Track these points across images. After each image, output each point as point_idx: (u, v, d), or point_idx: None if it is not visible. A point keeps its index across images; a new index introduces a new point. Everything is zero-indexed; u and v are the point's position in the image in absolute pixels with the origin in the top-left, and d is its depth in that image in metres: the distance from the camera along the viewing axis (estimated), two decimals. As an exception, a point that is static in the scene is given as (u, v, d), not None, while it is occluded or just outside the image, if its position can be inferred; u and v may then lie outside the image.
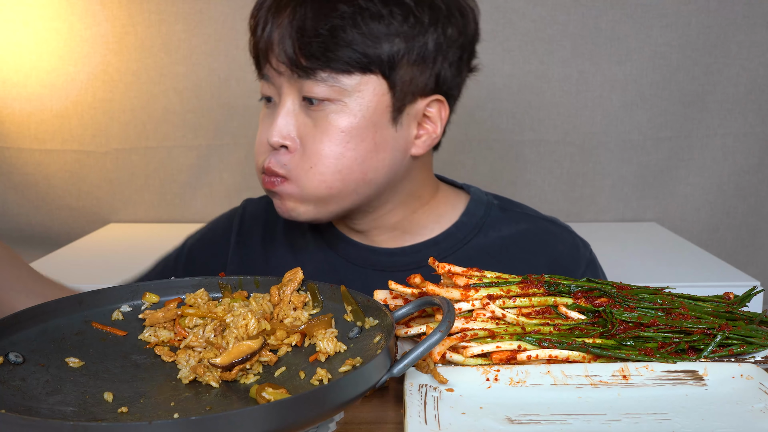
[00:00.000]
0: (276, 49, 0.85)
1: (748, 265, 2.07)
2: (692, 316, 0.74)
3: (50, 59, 2.01)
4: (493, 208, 1.01)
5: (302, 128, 0.87)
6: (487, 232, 0.98)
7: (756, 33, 1.96)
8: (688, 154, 2.05)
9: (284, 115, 0.87)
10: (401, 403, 0.62)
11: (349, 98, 0.85)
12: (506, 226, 0.99)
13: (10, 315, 0.65)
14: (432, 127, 0.91)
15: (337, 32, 0.82)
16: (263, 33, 0.86)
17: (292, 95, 0.86)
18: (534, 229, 1.00)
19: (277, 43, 0.84)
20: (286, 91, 0.87)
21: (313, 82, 0.84)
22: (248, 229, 1.07)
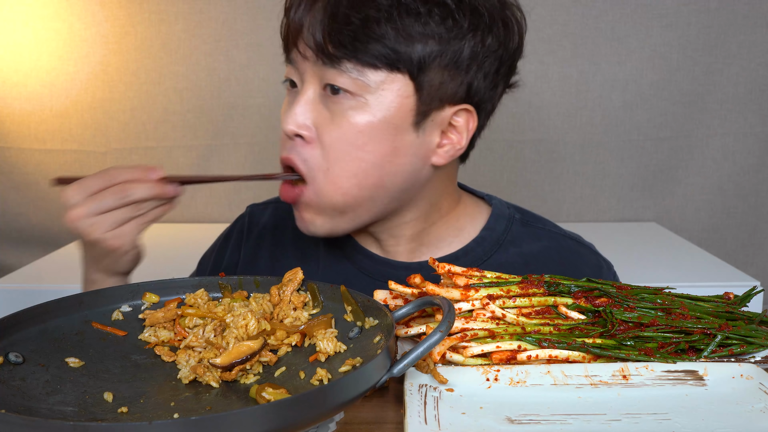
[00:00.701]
0: (305, 33, 0.81)
1: (748, 265, 2.07)
2: (692, 316, 0.74)
3: (50, 59, 2.01)
4: (515, 222, 0.97)
5: (319, 119, 0.83)
6: (508, 248, 0.94)
7: (756, 33, 1.96)
8: (688, 154, 2.05)
9: (303, 102, 0.83)
10: (401, 403, 0.62)
11: (371, 95, 0.81)
12: (527, 242, 0.96)
13: (10, 315, 0.65)
14: (457, 137, 0.86)
15: (370, 23, 0.78)
16: (295, 14, 0.83)
17: (314, 83, 0.83)
18: (556, 248, 0.97)
19: (307, 27, 0.81)
20: (309, 78, 0.83)
21: (337, 71, 0.80)
22: (255, 238, 1.04)
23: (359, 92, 0.80)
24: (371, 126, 0.81)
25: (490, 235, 0.95)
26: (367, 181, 0.83)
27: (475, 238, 0.95)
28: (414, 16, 0.79)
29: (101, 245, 0.81)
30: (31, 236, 2.11)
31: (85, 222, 0.79)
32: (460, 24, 0.81)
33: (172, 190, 0.80)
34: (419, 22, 0.79)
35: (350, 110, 0.81)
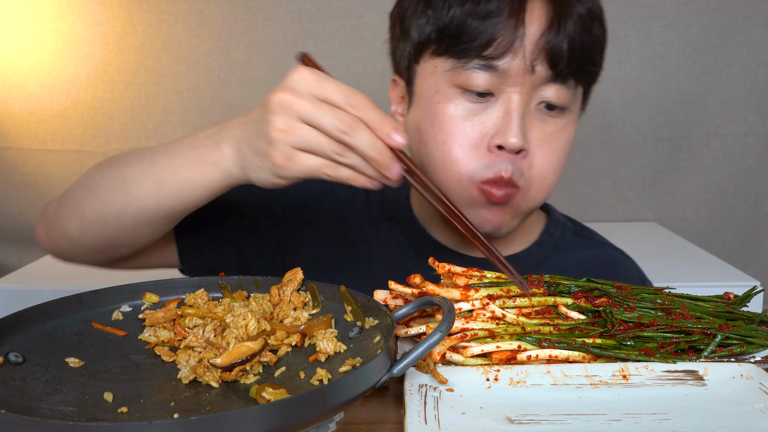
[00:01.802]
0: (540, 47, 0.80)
1: (748, 265, 2.07)
2: (692, 316, 0.74)
3: (50, 59, 2.01)
4: (569, 230, 1.01)
5: (538, 133, 0.84)
6: (564, 254, 0.98)
7: (756, 33, 1.96)
8: (688, 154, 2.05)
9: (522, 117, 0.82)
10: (401, 403, 0.62)
11: (574, 107, 0.87)
12: (580, 250, 1.00)
13: (10, 315, 0.65)
14: None
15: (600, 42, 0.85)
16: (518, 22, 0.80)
17: (527, 95, 0.82)
18: (606, 257, 1.01)
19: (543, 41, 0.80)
20: (523, 90, 0.82)
21: (561, 87, 0.83)
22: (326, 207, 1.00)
23: (569, 106, 0.86)
24: (574, 134, 0.88)
25: (549, 240, 0.99)
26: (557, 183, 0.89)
27: (536, 241, 0.99)
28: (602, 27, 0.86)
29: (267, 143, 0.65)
30: (31, 236, 2.10)
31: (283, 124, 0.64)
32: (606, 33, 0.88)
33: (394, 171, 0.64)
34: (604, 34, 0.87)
35: (564, 123, 0.86)
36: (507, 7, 0.80)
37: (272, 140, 0.64)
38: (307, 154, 0.64)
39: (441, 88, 0.85)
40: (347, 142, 0.63)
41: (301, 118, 0.63)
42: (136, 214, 0.76)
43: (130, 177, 0.76)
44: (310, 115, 0.63)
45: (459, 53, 0.82)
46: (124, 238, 0.80)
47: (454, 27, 0.81)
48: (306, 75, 0.65)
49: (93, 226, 0.79)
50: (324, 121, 0.63)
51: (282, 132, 0.64)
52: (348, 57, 2.00)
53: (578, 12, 0.82)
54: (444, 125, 0.84)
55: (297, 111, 0.64)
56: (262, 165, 0.67)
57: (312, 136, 0.63)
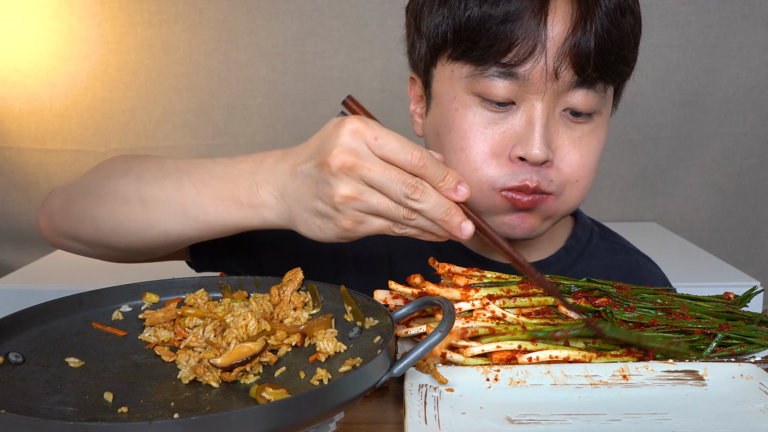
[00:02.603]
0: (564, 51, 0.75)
1: (748, 265, 2.07)
2: (692, 316, 0.74)
3: (50, 59, 2.01)
4: (595, 234, 0.99)
5: (564, 142, 0.80)
6: (590, 260, 0.96)
7: (756, 33, 1.96)
8: (688, 154, 2.05)
9: (543, 124, 0.77)
10: (401, 403, 0.62)
11: (604, 109, 0.82)
12: (606, 255, 0.97)
13: (10, 315, 0.65)
14: None
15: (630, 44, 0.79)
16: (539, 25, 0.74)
17: (550, 102, 0.78)
18: (631, 262, 0.99)
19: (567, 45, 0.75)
20: (546, 98, 0.77)
21: (588, 92, 0.78)
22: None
23: (598, 109, 0.81)
24: (605, 137, 0.84)
25: (576, 245, 0.96)
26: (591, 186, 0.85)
27: (564, 246, 0.96)
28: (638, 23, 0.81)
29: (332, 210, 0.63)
30: (31, 236, 2.11)
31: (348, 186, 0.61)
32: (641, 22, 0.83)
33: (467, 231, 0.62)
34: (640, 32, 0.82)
35: (593, 128, 0.82)
36: (528, 8, 0.74)
37: (338, 207, 0.62)
38: (374, 216, 0.63)
39: (459, 95, 0.80)
40: (415, 208, 0.61)
41: (366, 182, 0.61)
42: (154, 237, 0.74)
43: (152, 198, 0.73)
44: (376, 181, 0.61)
45: (477, 59, 0.77)
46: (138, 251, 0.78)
47: (471, 29, 0.76)
48: (360, 130, 0.61)
49: (106, 237, 0.77)
50: (391, 187, 0.61)
51: (350, 199, 0.62)
52: (348, 57, 2.01)
53: (606, 6, 0.75)
54: (462, 133, 0.80)
55: (362, 176, 0.61)
56: (324, 227, 0.64)
57: (379, 201, 0.61)
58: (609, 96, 0.83)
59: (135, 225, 0.74)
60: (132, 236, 0.75)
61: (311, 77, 2.03)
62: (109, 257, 0.83)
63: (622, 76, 0.82)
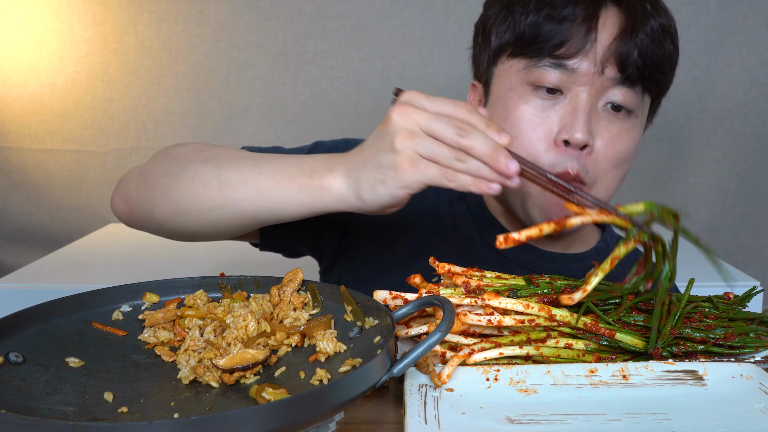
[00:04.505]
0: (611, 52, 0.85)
1: (748, 265, 2.07)
2: (694, 318, 0.74)
3: (50, 59, 2.01)
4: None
5: (604, 132, 0.89)
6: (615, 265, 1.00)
7: (756, 33, 1.96)
8: (688, 154, 2.05)
9: (588, 115, 0.87)
10: (401, 403, 0.62)
11: (641, 113, 0.92)
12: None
13: (10, 315, 0.65)
14: None
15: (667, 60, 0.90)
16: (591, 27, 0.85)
17: (595, 95, 0.87)
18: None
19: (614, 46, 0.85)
20: (592, 90, 0.87)
21: (629, 91, 0.88)
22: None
23: (636, 110, 0.90)
24: (639, 139, 0.93)
25: (605, 248, 1.04)
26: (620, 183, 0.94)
27: (595, 246, 1.04)
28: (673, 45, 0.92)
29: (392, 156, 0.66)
30: (31, 236, 2.11)
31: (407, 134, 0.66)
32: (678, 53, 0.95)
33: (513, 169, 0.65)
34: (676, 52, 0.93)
35: (630, 126, 0.90)
36: (582, 13, 0.85)
37: (397, 148, 0.66)
38: (428, 162, 0.66)
39: (514, 86, 0.90)
40: (464, 146, 0.65)
41: (421, 127, 0.66)
42: (229, 216, 0.79)
43: (231, 181, 0.77)
44: (429, 123, 0.66)
45: (533, 53, 0.88)
46: (211, 231, 0.83)
47: (531, 30, 0.87)
48: (416, 93, 0.68)
49: (184, 217, 0.81)
50: (441, 127, 0.65)
51: (407, 138, 0.66)
52: (348, 57, 2.00)
53: (651, 25, 0.87)
54: (515, 120, 0.89)
55: (417, 121, 0.66)
56: (384, 178, 0.67)
57: (433, 142, 0.66)
58: (646, 103, 0.92)
59: (212, 206, 0.78)
60: (207, 216, 0.79)
61: (311, 77, 2.03)
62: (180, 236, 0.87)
63: (659, 87, 0.93)
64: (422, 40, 1.99)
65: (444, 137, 0.65)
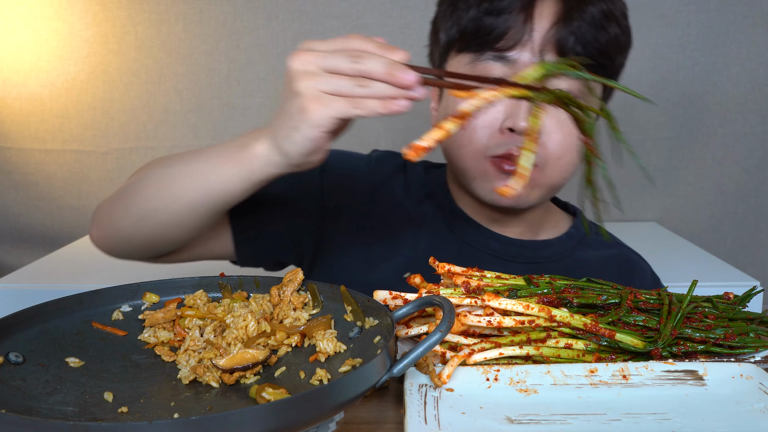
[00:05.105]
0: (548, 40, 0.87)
1: (748, 265, 2.07)
2: (694, 318, 0.74)
3: (50, 59, 2.01)
4: (592, 229, 1.08)
5: (547, 118, 0.89)
6: (587, 250, 1.05)
7: (756, 33, 1.96)
8: (688, 154, 2.05)
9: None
10: (401, 403, 0.62)
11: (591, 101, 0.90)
12: (602, 248, 1.07)
13: (10, 315, 0.65)
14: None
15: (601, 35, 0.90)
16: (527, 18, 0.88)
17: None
18: (625, 256, 1.09)
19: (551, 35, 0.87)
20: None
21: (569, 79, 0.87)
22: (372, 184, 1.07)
23: (581, 96, 0.89)
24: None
25: (576, 234, 1.06)
26: (574, 170, 0.95)
27: (566, 232, 1.06)
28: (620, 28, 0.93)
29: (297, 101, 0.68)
30: (31, 236, 2.11)
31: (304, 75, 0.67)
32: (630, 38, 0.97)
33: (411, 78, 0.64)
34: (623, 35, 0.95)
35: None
36: (519, 3, 0.88)
37: (300, 92, 0.67)
38: (335, 97, 0.66)
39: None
40: (362, 71, 0.65)
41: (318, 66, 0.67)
42: (182, 210, 0.80)
43: (175, 175, 0.81)
44: (324, 60, 0.66)
45: (476, 47, 0.91)
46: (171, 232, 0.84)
47: (473, 25, 0.91)
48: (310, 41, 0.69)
49: (144, 222, 0.83)
50: (336, 61, 0.66)
51: (306, 80, 0.66)
52: (348, 57, 2.00)
53: (591, 12, 0.89)
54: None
55: (312, 61, 0.67)
56: (296, 124, 0.68)
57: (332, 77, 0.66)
58: (593, 88, 0.92)
59: (166, 203, 0.81)
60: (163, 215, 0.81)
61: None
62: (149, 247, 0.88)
63: (605, 71, 0.92)
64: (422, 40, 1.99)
65: (341, 69, 0.66)
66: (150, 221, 0.82)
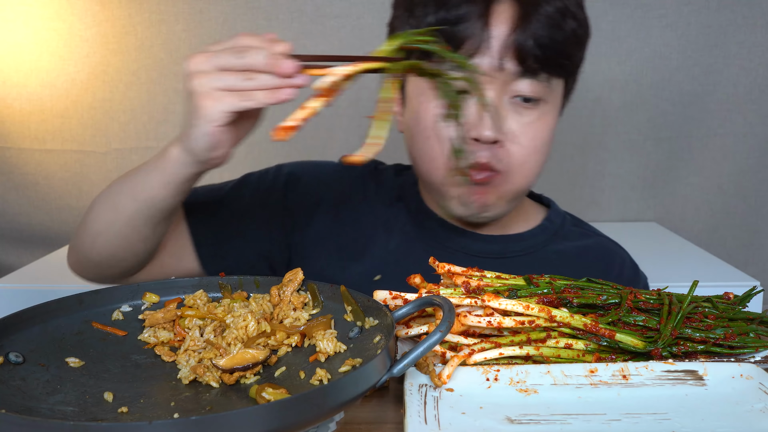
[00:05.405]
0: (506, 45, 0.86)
1: (748, 265, 2.07)
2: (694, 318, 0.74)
3: (50, 59, 2.01)
4: (568, 221, 1.08)
5: (512, 124, 0.90)
6: (563, 241, 1.05)
7: (756, 33, 1.96)
8: (688, 154, 2.05)
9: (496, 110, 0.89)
10: (401, 403, 0.62)
11: (552, 99, 0.92)
12: (578, 239, 1.06)
13: (10, 315, 0.65)
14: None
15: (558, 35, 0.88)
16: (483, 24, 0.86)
17: (499, 89, 0.89)
18: (602, 246, 1.08)
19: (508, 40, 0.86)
20: (498, 87, 0.89)
21: (532, 81, 0.89)
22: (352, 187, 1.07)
23: (545, 97, 0.91)
24: (552, 125, 0.94)
25: (550, 226, 1.06)
26: (540, 171, 0.95)
27: (539, 225, 1.05)
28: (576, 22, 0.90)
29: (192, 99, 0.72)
30: (31, 236, 2.11)
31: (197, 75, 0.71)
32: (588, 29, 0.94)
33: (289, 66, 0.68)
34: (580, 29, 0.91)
35: (540, 114, 0.92)
36: (476, 10, 0.87)
37: (193, 90, 0.71)
38: (225, 92, 0.70)
39: (424, 90, 0.92)
40: (247, 65, 0.69)
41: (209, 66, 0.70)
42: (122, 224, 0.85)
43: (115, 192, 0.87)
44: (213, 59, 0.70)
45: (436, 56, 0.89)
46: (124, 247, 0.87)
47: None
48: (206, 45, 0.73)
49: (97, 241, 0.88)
50: (223, 58, 0.70)
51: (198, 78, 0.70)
52: (348, 57, 2.00)
53: (546, 11, 0.87)
54: (427, 122, 0.92)
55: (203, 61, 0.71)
56: (194, 121, 0.71)
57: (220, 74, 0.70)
58: (555, 88, 0.92)
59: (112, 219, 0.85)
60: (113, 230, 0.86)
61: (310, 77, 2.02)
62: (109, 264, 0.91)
63: (565, 70, 0.93)
64: (422, 40, 1.99)
65: (228, 65, 0.69)
66: (103, 239, 0.87)
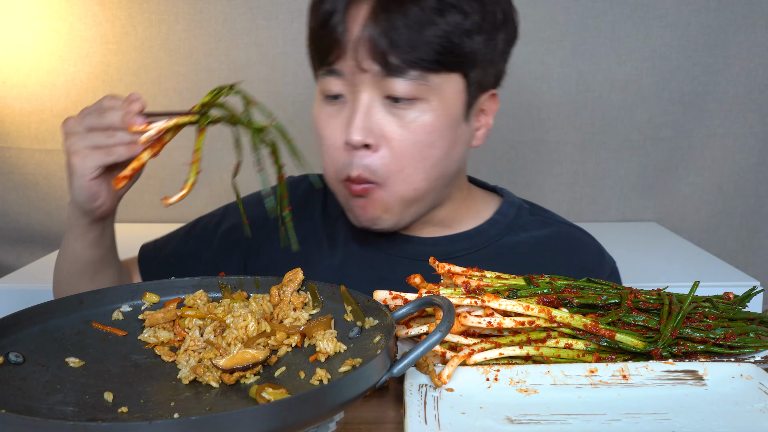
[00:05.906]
0: (364, 46, 0.83)
1: (748, 265, 2.07)
2: (694, 318, 0.74)
3: (50, 59, 2.01)
4: (524, 210, 1.04)
5: (385, 126, 0.86)
6: (518, 233, 1.01)
7: (756, 33, 1.96)
8: (688, 154, 2.05)
9: (363, 112, 0.86)
10: (401, 403, 0.62)
11: (434, 96, 0.85)
12: (536, 228, 1.02)
13: (10, 315, 0.65)
14: (485, 119, 0.94)
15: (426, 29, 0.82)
16: (341, 26, 0.84)
17: (370, 92, 0.86)
18: (563, 234, 1.03)
19: (366, 40, 0.83)
20: (365, 88, 0.86)
21: (401, 80, 0.84)
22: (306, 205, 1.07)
23: (424, 96, 0.85)
24: (438, 124, 0.87)
25: (503, 219, 1.02)
26: (432, 174, 0.89)
27: (488, 220, 1.01)
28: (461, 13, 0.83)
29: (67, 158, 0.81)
30: (31, 236, 2.11)
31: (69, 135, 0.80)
32: (496, 18, 0.87)
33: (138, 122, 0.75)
34: (467, 20, 0.84)
35: (418, 114, 0.86)
36: (338, 16, 0.85)
37: (67, 149, 0.80)
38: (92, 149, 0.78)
39: (317, 96, 0.94)
40: (106, 124, 0.77)
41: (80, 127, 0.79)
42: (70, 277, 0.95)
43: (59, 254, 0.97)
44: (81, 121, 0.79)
45: (316, 65, 0.91)
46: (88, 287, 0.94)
47: (311, 42, 0.91)
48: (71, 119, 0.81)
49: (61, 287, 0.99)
50: (89, 120, 0.78)
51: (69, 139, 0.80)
52: (348, 57, 2.00)
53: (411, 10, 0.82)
54: (317, 130, 0.93)
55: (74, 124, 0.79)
56: (70, 178, 0.81)
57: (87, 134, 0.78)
58: (440, 84, 0.85)
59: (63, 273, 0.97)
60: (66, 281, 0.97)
61: (311, 77, 2.02)
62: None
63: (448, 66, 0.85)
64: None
65: (93, 125, 0.78)
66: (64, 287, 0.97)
